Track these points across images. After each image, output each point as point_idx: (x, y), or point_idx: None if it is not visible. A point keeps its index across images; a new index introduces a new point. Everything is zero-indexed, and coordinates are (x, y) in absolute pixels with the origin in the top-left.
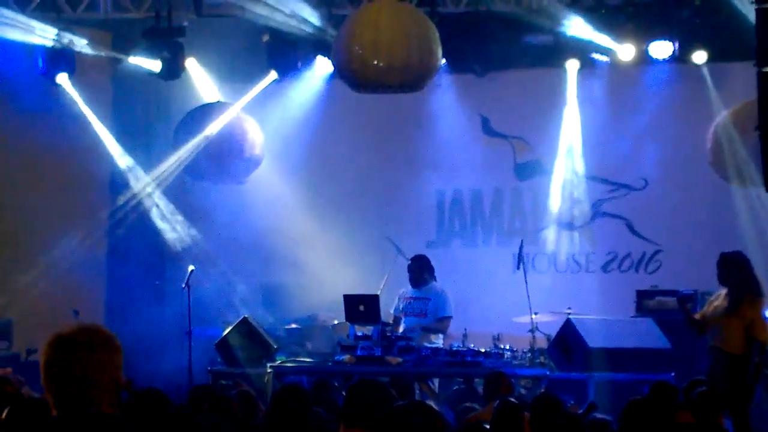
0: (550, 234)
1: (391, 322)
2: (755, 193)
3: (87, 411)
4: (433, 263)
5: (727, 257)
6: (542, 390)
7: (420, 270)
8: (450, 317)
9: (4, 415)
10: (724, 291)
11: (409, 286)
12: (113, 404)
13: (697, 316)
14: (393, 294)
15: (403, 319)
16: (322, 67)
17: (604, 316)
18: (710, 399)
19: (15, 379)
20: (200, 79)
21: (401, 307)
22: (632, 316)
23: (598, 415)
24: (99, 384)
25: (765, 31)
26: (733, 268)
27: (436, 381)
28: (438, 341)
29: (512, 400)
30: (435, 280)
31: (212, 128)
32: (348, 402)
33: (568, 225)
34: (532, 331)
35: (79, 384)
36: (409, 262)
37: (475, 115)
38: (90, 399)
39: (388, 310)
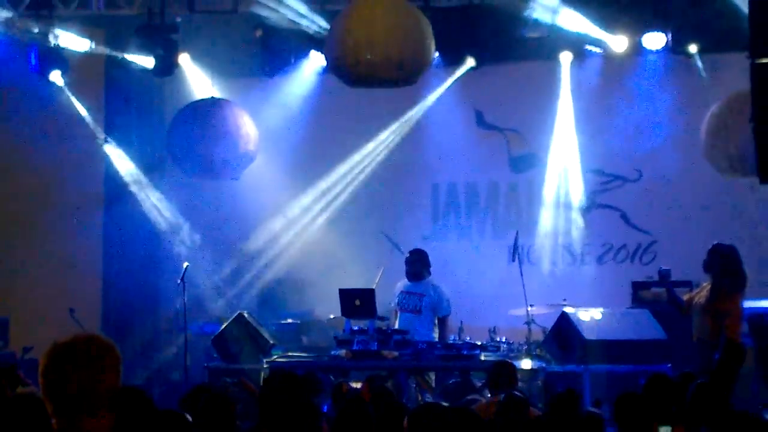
0: (546, 226)
1: (392, 316)
2: (749, 184)
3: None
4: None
5: (716, 248)
6: (539, 381)
7: (419, 263)
8: (449, 315)
9: None
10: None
11: (405, 280)
12: (109, 412)
13: (685, 297)
14: (388, 288)
15: (398, 314)
16: (316, 62)
17: (600, 307)
18: (705, 392)
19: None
20: (194, 75)
21: (396, 301)
22: (628, 308)
23: (591, 409)
24: (96, 392)
25: (758, 21)
26: (718, 259)
27: (433, 375)
28: (434, 334)
29: (518, 393)
30: (430, 274)
31: (206, 124)
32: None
33: (563, 217)
34: (528, 323)
35: (75, 392)
36: (408, 255)
37: (470, 109)
38: (87, 407)
39: (387, 304)
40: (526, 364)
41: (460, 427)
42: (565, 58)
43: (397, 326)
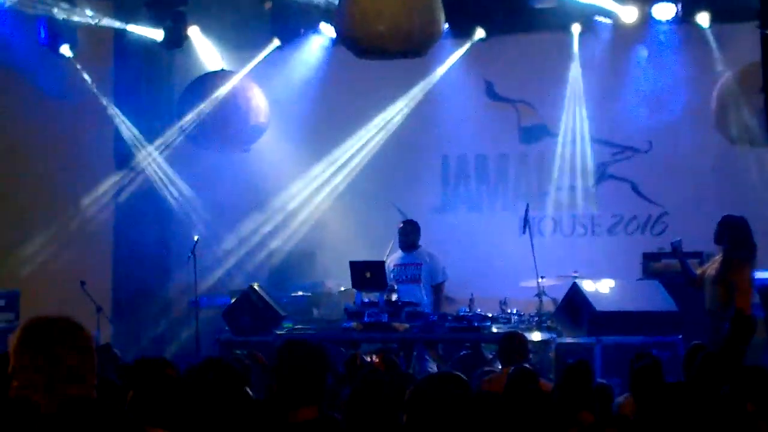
0: (556, 197)
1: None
2: (760, 154)
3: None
4: (438, 229)
5: (726, 219)
6: (550, 353)
7: (412, 234)
8: (444, 281)
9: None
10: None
11: (398, 253)
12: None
13: (698, 271)
14: None
15: (396, 287)
16: (325, 33)
17: (611, 279)
18: (710, 363)
19: None
20: (203, 47)
21: (392, 275)
22: (639, 279)
23: (601, 380)
24: (90, 373)
25: None
26: (729, 230)
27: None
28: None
29: (527, 366)
30: (420, 245)
31: (216, 96)
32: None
33: (573, 188)
34: (539, 295)
35: (74, 371)
36: (401, 226)
37: (480, 80)
38: (79, 385)
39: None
40: (536, 335)
41: (460, 397)
42: (575, 29)
43: (394, 299)
